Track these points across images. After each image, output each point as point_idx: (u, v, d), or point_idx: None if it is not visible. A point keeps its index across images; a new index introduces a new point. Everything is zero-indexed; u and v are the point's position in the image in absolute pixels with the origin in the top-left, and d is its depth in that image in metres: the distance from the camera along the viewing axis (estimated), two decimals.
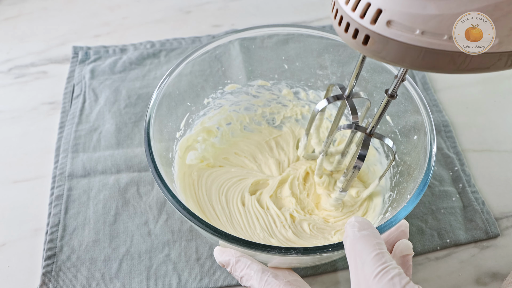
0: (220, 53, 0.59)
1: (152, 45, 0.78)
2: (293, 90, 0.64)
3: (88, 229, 0.56)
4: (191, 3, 0.88)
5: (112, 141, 0.65)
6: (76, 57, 0.76)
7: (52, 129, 0.67)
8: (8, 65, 0.76)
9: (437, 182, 0.60)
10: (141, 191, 0.59)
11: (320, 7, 0.88)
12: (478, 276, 0.53)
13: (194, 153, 0.60)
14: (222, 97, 0.62)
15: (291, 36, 0.60)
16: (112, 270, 0.53)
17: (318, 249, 0.40)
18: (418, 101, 0.51)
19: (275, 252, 0.40)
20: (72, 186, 0.60)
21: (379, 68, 0.56)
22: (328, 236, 0.52)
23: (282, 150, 0.63)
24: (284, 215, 0.54)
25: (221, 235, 0.41)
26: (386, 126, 0.57)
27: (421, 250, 0.54)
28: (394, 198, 0.52)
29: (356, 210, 0.55)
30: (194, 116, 0.60)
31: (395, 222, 0.42)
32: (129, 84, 0.72)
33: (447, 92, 0.73)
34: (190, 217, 0.42)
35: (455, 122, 0.68)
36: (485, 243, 0.56)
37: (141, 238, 0.55)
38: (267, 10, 0.87)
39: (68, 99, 0.70)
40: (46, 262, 0.53)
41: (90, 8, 0.87)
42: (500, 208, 0.59)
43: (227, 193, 0.56)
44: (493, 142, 0.66)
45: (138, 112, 0.68)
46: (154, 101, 0.51)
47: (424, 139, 0.49)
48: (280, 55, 0.62)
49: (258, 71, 0.63)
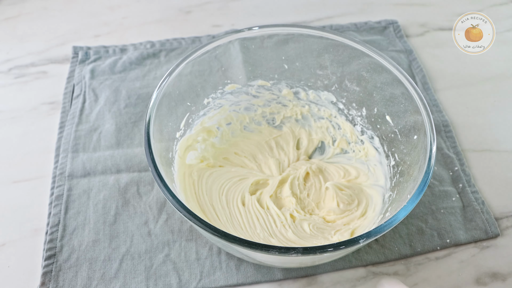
0: (220, 53, 0.59)
1: (152, 45, 0.78)
2: (293, 90, 0.64)
3: (88, 229, 0.56)
4: (191, 3, 0.88)
5: (112, 141, 0.65)
6: (76, 57, 0.76)
7: (52, 129, 0.67)
8: (8, 65, 0.76)
9: (437, 182, 0.60)
10: (141, 191, 0.59)
11: (320, 7, 0.88)
12: (478, 276, 0.53)
13: (194, 153, 0.60)
14: (222, 97, 0.62)
15: (291, 36, 0.60)
16: (112, 270, 0.53)
17: (318, 249, 0.40)
18: (418, 101, 0.51)
19: (275, 252, 0.40)
20: (72, 186, 0.59)
21: (379, 68, 0.56)
22: (328, 236, 0.52)
23: (282, 150, 0.63)
24: (284, 215, 0.54)
25: (221, 235, 0.41)
26: (386, 126, 0.57)
27: (421, 250, 0.54)
28: (394, 198, 0.52)
29: (354, 210, 0.55)
30: (194, 116, 0.60)
31: (395, 222, 0.42)
32: (129, 84, 0.72)
33: (447, 92, 0.73)
34: (190, 217, 0.42)
35: (455, 122, 0.68)
36: (485, 243, 0.56)
37: (141, 238, 0.55)
38: (267, 10, 0.87)
39: (68, 99, 0.70)
40: (46, 262, 0.53)
41: (90, 8, 0.87)
42: (500, 208, 0.59)
43: (228, 193, 0.56)
44: (493, 142, 0.66)
45: (138, 112, 0.68)
46: (154, 101, 0.51)
47: (424, 139, 0.49)
48: (280, 55, 0.62)
49: (258, 71, 0.63)
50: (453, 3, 0.88)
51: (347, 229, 0.53)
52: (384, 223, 0.42)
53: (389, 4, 0.88)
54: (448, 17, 0.85)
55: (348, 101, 0.62)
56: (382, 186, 0.56)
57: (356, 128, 0.62)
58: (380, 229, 0.42)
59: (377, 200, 0.55)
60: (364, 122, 0.61)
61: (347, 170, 0.60)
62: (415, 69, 0.75)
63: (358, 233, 0.52)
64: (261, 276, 0.52)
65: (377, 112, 0.59)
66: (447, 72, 0.75)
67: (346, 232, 0.52)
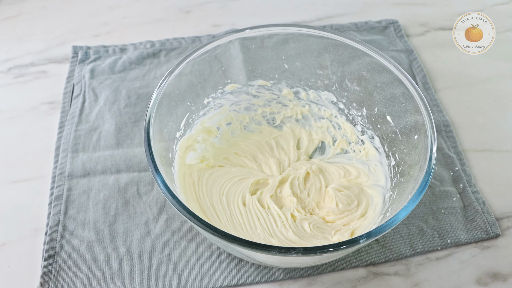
0: (220, 53, 0.59)
1: (152, 44, 0.78)
2: (294, 90, 0.64)
3: (88, 229, 0.56)
4: (191, 3, 0.88)
5: (112, 141, 0.64)
6: (76, 56, 0.76)
7: (51, 129, 0.67)
8: (8, 64, 0.76)
9: (438, 182, 0.60)
10: (141, 191, 0.59)
11: (320, 7, 0.87)
12: (478, 277, 0.53)
13: (194, 153, 0.60)
14: (222, 97, 0.62)
15: (291, 36, 0.60)
16: (112, 270, 0.53)
17: (318, 249, 0.40)
18: (419, 101, 0.51)
19: (275, 252, 0.40)
20: (71, 186, 0.59)
21: (380, 68, 0.56)
22: (328, 236, 0.52)
23: (282, 150, 0.63)
24: (285, 215, 0.54)
25: (222, 235, 0.41)
26: (386, 126, 0.57)
27: (422, 250, 0.54)
28: (394, 198, 0.52)
29: (354, 210, 0.55)
30: (194, 116, 0.60)
31: (396, 222, 0.42)
32: (129, 84, 0.71)
33: (447, 92, 0.72)
34: (190, 218, 0.42)
35: (456, 122, 0.68)
36: (485, 243, 0.56)
37: (141, 238, 0.55)
38: (267, 10, 0.87)
39: (68, 99, 0.70)
40: (45, 262, 0.53)
41: (90, 7, 0.87)
42: (501, 208, 0.59)
43: (228, 193, 0.56)
44: (493, 142, 0.66)
45: (138, 112, 0.68)
46: (154, 101, 0.51)
47: (425, 139, 0.49)
48: (280, 55, 0.62)
49: (258, 70, 0.63)
50: (453, 3, 0.88)
51: (347, 229, 0.53)
52: (384, 223, 0.42)
53: (389, 3, 0.88)
54: (449, 17, 0.85)
55: (349, 101, 0.62)
56: (383, 186, 0.56)
57: (356, 128, 0.62)
58: (381, 229, 0.42)
59: (377, 200, 0.55)
60: (365, 122, 0.61)
61: (347, 170, 0.60)
62: (416, 69, 0.75)
63: (358, 233, 0.52)
64: (261, 276, 0.52)
65: (377, 112, 0.59)
66: (448, 72, 0.75)
67: (346, 232, 0.52)
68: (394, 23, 0.82)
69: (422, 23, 0.84)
